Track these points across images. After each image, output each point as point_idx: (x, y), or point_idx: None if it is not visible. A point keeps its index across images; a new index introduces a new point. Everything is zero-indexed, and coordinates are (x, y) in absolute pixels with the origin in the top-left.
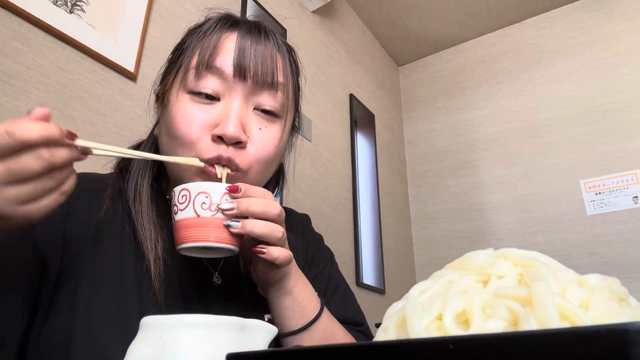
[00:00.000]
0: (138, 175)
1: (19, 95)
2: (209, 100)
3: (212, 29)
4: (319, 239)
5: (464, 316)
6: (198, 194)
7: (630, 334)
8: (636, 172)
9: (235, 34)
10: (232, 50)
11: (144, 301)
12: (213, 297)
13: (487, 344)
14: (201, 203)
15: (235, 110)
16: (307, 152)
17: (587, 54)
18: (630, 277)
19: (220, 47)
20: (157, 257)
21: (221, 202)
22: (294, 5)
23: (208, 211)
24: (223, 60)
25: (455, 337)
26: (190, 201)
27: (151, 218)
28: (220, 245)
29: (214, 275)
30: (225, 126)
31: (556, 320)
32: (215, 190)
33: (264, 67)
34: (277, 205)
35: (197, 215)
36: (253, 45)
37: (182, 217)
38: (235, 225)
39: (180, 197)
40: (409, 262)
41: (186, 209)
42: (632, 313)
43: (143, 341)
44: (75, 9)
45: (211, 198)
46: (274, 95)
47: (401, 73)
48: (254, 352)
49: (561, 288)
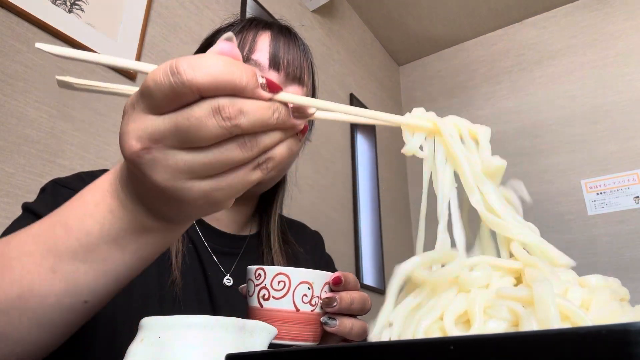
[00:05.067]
0: None
1: (19, 95)
2: None
3: (247, 27)
4: (331, 262)
5: (465, 317)
6: (300, 283)
7: (631, 335)
8: (637, 172)
9: (269, 32)
10: (267, 45)
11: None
12: (223, 297)
13: (488, 344)
14: (302, 295)
15: None
16: (307, 152)
17: (587, 53)
18: (630, 278)
19: (257, 42)
20: (178, 250)
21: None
22: (294, 4)
23: (308, 305)
24: (260, 54)
25: (456, 338)
26: (289, 291)
27: None
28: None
29: (225, 277)
30: None
31: (557, 321)
32: (319, 281)
33: (294, 62)
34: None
35: (296, 310)
36: (285, 43)
37: (278, 307)
38: (332, 324)
39: (275, 282)
40: None
41: (283, 299)
42: (633, 313)
43: (142, 342)
44: (74, 8)
45: (313, 290)
46: (301, 89)
47: (401, 73)
48: (253, 352)
49: (562, 289)
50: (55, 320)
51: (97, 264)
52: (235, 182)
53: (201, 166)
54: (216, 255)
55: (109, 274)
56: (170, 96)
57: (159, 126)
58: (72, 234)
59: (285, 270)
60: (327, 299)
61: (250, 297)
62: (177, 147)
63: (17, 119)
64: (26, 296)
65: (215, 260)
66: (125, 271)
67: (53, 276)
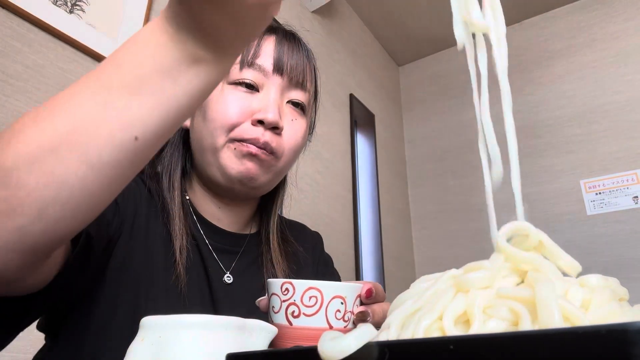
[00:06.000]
0: (170, 166)
1: (19, 95)
2: (249, 90)
3: None
4: (330, 261)
5: (464, 317)
6: (333, 298)
7: (630, 334)
8: (636, 172)
9: (274, 37)
10: (272, 49)
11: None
12: (223, 295)
13: (487, 344)
14: (335, 311)
15: (274, 99)
16: (307, 152)
17: (587, 53)
18: (630, 277)
19: (262, 47)
20: (182, 247)
21: (353, 310)
22: (294, 5)
23: (342, 322)
24: (264, 58)
25: (456, 337)
26: (322, 306)
27: (180, 208)
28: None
29: (225, 274)
30: (266, 112)
31: (560, 324)
32: (351, 295)
33: (297, 67)
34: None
35: (329, 327)
36: (290, 48)
37: (310, 325)
38: None
39: (306, 298)
40: (409, 262)
41: (316, 316)
42: (632, 313)
43: (143, 342)
44: (75, 8)
45: (346, 305)
46: (303, 93)
47: (401, 73)
48: (253, 352)
49: (564, 289)
50: (105, 159)
51: (148, 96)
52: None
53: None
54: (216, 252)
55: (162, 107)
56: None
57: None
58: (124, 68)
59: (316, 284)
60: (360, 314)
61: (276, 313)
62: None
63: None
64: (78, 131)
65: (215, 258)
66: (176, 106)
67: (104, 109)
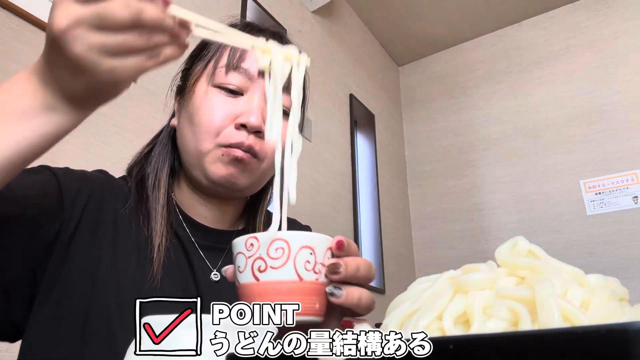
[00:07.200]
0: (158, 164)
1: None
2: (233, 95)
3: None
4: None
5: (464, 317)
6: (301, 248)
7: (629, 334)
8: (636, 172)
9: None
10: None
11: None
12: (210, 293)
13: (487, 343)
14: (305, 262)
15: (258, 103)
16: (307, 152)
17: (587, 54)
18: (630, 277)
19: (247, 51)
20: (161, 245)
21: (324, 262)
22: (294, 5)
23: (312, 273)
24: (250, 62)
25: (456, 337)
26: (290, 257)
27: (164, 207)
28: (317, 319)
29: (212, 272)
30: (249, 115)
31: (560, 324)
32: (321, 245)
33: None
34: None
35: (299, 279)
36: None
37: (279, 278)
38: (339, 294)
39: (272, 250)
40: (409, 262)
41: (284, 268)
42: (632, 313)
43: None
44: None
45: (316, 255)
46: (287, 97)
47: (401, 73)
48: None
49: (563, 289)
50: None
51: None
52: (134, 65)
53: (111, 45)
54: (203, 250)
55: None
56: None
57: (83, 11)
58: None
59: (283, 235)
60: (331, 265)
61: (242, 273)
62: (94, 29)
63: None
64: None
65: (202, 256)
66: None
67: None
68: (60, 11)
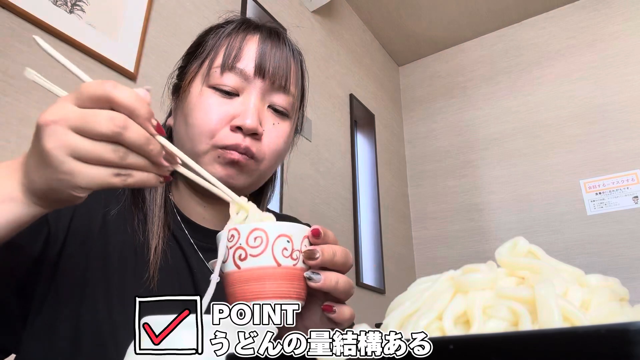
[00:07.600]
0: None
1: (19, 95)
2: (228, 96)
3: (235, 31)
4: None
5: (464, 317)
6: (278, 237)
7: (630, 334)
8: (636, 172)
9: (257, 37)
10: (254, 51)
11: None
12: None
13: (487, 344)
14: (282, 249)
15: (254, 104)
16: (307, 152)
17: (587, 54)
18: (630, 277)
19: (244, 49)
20: (157, 247)
21: (301, 249)
22: (293, 4)
23: (290, 260)
24: (246, 61)
25: (455, 337)
26: (268, 245)
27: (161, 208)
28: (297, 302)
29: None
30: (244, 118)
31: (560, 324)
32: (298, 234)
33: (280, 70)
34: (351, 256)
35: (277, 265)
36: (273, 49)
37: (258, 265)
38: (316, 278)
39: (251, 239)
40: (409, 262)
41: (262, 255)
42: (633, 313)
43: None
44: (75, 9)
45: (293, 243)
46: (285, 97)
47: (401, 73)
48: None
49: (563, 289)
50: None
51: None
52: (97, 176)
53: (82, 150)
54: (202, 252)
55: None
56: (93, 98)
57: (72, 112)
58: None
59: (261, 225)
60: (308, 252)
61: (225, 263)
62: (74, 130)
63: (18, 119)
64: None
65: (201, 257)
66: None
67: None
68: (55, 106)
